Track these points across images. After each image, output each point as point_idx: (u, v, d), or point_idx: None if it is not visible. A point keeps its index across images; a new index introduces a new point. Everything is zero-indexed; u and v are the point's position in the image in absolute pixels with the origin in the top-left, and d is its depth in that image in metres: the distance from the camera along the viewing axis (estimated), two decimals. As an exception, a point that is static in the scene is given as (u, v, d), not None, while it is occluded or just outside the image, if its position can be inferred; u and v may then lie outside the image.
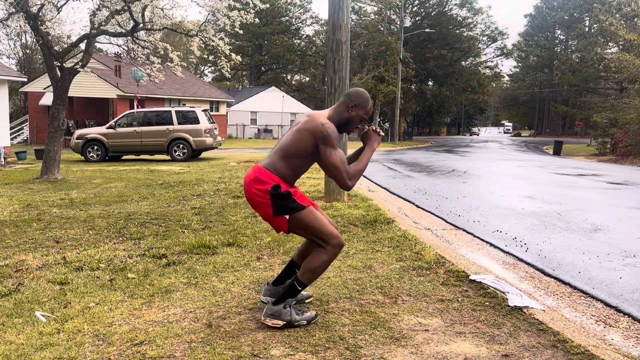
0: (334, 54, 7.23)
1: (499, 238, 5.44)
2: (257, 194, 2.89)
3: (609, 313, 3.37)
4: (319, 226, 2.91)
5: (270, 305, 2.92)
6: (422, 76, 47.45)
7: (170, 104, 29.20)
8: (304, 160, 2.95)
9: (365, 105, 3.01)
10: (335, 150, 2.87)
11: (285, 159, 2.92)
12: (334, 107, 3.06)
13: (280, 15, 56.46)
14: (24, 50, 42.90)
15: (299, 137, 2.89)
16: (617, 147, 23.65)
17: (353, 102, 2.99)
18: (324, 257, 2.91)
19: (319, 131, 2.85)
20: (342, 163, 2.88)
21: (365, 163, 3.01)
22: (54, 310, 3.19)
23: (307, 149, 2.89)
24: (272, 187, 2.86)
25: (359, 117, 3.02)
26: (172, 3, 32.01)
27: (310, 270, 2.92)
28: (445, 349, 2.66)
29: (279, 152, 2.95)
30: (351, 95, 3.02)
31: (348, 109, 3.00)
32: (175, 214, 6.43)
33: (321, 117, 2.92)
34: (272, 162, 2.94)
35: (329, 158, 2.85)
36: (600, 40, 47.42)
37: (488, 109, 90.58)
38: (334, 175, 2.90)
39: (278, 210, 2.88)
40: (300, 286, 2.94)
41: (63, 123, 11.14)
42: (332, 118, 2.98)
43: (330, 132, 2.85)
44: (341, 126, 3.00)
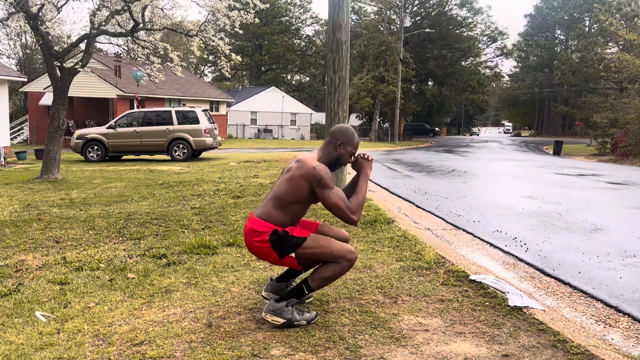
0: (334, 54, 7.23)
1: (499, 238, 5.44)
2: (258, 246, 2.94)
3: (609, 313, 3.37)
4: (327, 251, 2.93)
5: (272, 301, 2.94)
6: (422, 76, 47.43)
7: (170, 104, 29.20)
8: (302, 205, 2.99)
9: (351, 141, 3.06)
10: (332, 190, 2.90)
11: (282, 207, 2.94)
12: (321, 148, 3.09)
13: (280, 15, 56.45)
14: (24, 50, 42.90)
15: (293, 185, 2.91)
16: (617, 147, 23.65)
17: (340, 141, 3.03)
18: (338, 269, 2.95)
19: (312, 175, 2.87)
20: (342, 201, 2.91)
21: (364, 193, 3.03)
22: (54, 310, 3.19)
23: (303, 195, 2.92)
24: (270, 234, 2.89)
25: (348, 154, 3.07)
26: (172, 3, 32.04)
27: (322, 278, 2.95)
28: (445, 349, 2.66)
29: (273, 201, 2.97)
30: (336, 134, 3.06)
31: (336, 148, 3.04)
32: (175, 214, 6.43)
33: (312, 161, 2.94)
34: (267, 212, 2.96)
35: (328, 199, 2.88)
36: (600, 40, 47.42)
37: (488, 109, 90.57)
38: (337, 214, 2.93)
39: (282, 252, 2.91)
40: (308, 290, 2.97)
41: (63, 123, 11.14)
42: (322, 159, 3.02)
43: (323, 174, 2.87)
44: (332, 165, 3.04)
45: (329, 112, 7.34)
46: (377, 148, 30.08)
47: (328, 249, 2.93)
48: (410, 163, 17.13)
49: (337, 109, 7.27)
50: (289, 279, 3.27)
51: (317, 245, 2.93)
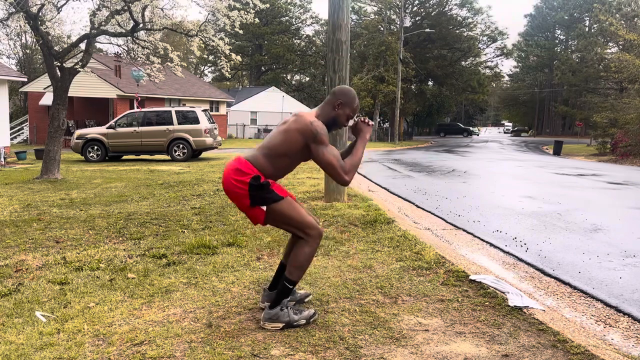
0: (334, 54, 7.23)
1: (499, 238, 5.44)
2: (236, 185, 2.85)
3: (609, 313, 3.37)
4: (297, 217, 2.89)
5: (267, 309, 2.91)
6: (422, 76, 47.42)
7: (170, 104, 29.20)
8: (291, 159, 2.93)
9: (351, 103, 2.99)
10: (327, 147, 2.85)
11: (271, 157, 2.89)
12: (320, 107, 3.03)
13: (280, 15, 56.45)
14: (24, 50, 42.89)
15: (288, 137, 2.86)
16: (617, 147, 23.64)
17: (339, 101, 2.97)
18: (307, 250, 2.90)
19: (308, 130, 2.82)
20: (337, 159, 2.85)
21: (360, 155, 2.98)
22: (54, 310, 3.19)
23: (296, 149, 2.87)
24: (252, 178, 2.82)
25: (345, 116, 3.00)
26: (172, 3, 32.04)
27: (296, 267, 2.90)
28: (445, 349, 2.66)
29: (264, 149, 2.91)
30: (337, 93, 2.99)
31: (334, 108, 2.98)
32: (175, 214, 6.43)
33: (309, 116, 2.89)
34: (256, 157, 2.90)
35: (322, 156, 2.83)
36: (600, 40, 47.40)
37: (488, 109, 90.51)
38: (329, 173, 2.88)
39: (255, 201, 2.84)
40: (291, 284, 2.92)
41: (63, 123, 11.14)
42: (320, 117, 2.96)
43: (320, 130, 2.82)
44: (329, 125, 2.97)
45: (329, 112, 7.32)
46: (377, 148, 30.08)
47: (299, 216, 2.88)
48: (410, 163, 17.13)
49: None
50: (278, 285, 3.24)
51: (291, 208, 2.88)
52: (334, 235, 5.12)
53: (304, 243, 2.91)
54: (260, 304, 3.23)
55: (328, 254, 4.45)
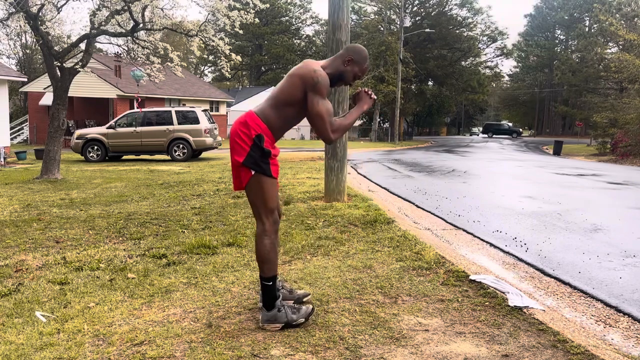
0: (333, 54, 7.22)
1: (499, 238, 5.43)
2: (240, 136, 2.84)
3: (609, 313, 3.37)
4: (268, 198, 2.87)
5: (264, 311, 2.90)
6: (422, 76, 47.44)
7: (170, 104, 29.20)
8: (295, 109, 2.87)
9: (361, 62, 2.94)
10: (324, 100, 2.80)
11: (277, 107, 2.86)
12: (330, 59, 2.99)
13: (280, 15, 56.46)
14: (24, 50, 42.89)
15: (290, 83, 2.83)
16: (617, 147, 23.64)
17: (350, 57, 2.93)
18: (265, 241, 2.88)
19: (309, 77, 2.78)
20: (328, 114, 2.81)
21: (352, 120, 2.94)
22: (54, 310, 3.19)
23: (297, 95, 2.82)
24: (256, 136, 2.80)
25: (353, 73, 2.96)
26: (172, 3, 32.02)
27: (262, 261, 2.89)
28: (445, 349, 2.66)
29: (270, 100, 2.89)
30: (349, 49, 2.96)
31: (344, 63, 2.93)
32: (175, 214, 6.43)
33: (315, 64, 2.85)
34: (263, 109, 2.88)
35: (315, 106, 2.78)
36: (600, 40, 47.40)
37: (488, 109, 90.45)
38: (317, 126, 2.82)
39: (249, 161, 2.82)
40: (268, 281, 2.89)
41: (63, 123, 11.14)
42: (327, 69, 2.90)
43: (321, 80, 2.78)
44: (334, 79, 2.93)
45: (329, 112, 7.33)
46: (377, 148, 30.08)
47: (269, 199, 2.87)
48: (410, 163, 17.13)
49: (337, 109, 7.27)
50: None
51: (271, 190, 2.87)
52: (334, 235, 5.12)
53: (262, 235, 2.89)
54: (259, 304, 3.23)
55: (328, 254, 4.45)
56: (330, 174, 7.32)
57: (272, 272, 2.90)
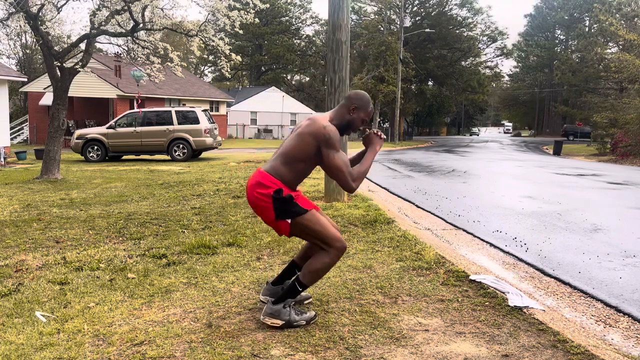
0: (334, 54, 7.23)
1: (499, 238, 5.43)
2: (260, 199, 2.90)
3: (609, 313, 3.37)
4: (321, 230, 2.92)
5: (270, 304, 2.92)
6: (422, 76, 47.44)
7: (170, 104, 29.20)
8: (307, 164, 2.96)
9: (366, 107, 3.03)
10: (338, 152, 2.88)
11: (288, 163, 2.93)
12: (335, 110, 3.07)
13: (280, 15, 56.46)
14: (24, 50, 42.89)
15: (301, 141, 2.90)
16: (617, 147, 23.64)
17: (354, 105, 3.01)
18: (327, 260, 2.93)
19: (321, 134, 2.85)
20: (345, 165, 2.89)
21: (369, 165, 3.02)
22: (54, 310, 3.19)
23: (310, 152, 2.90)
24: (274, 192, 2.86)
25: (360, 119, 3.04)
26: (172, 3, 32.03)
27: (312, 272, 2.93)
28: (445, 349, 2.66)
29: (282, 156, 2.96)
30: (352, 97, 3.04)
31: (349, 112, 3.02)
32: (175, 214, 6.43)
33: (323, 120, 2.93)
34: (274, 167, 2.95)
35: (332, 161, 2.86)
36: (600, 40, 47.38)
37: (488, 109, 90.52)
38: (337, 178, 2.90)
39: (280, 214, 2.89)
40: (301, 287, 2.95)
41: (63, 123, 11.14)
42: (334, 121, 2.99)
43: (332, 135, 2.85)
44: (343, 128, 3.01)
45: (329, 112, 7.33)
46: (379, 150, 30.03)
47: (324, 229, 2.91)
48: (410, 163, 17.13)
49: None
50: (284, 281, 3.25)
51: (315, 221, 2.91)
52: (334, 235, 5.11)
53: (326, 254, 2.93)
54: (260, 296, 3.25)
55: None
56: (330, 174, 7.30)
57: (311, 284, 3.00)
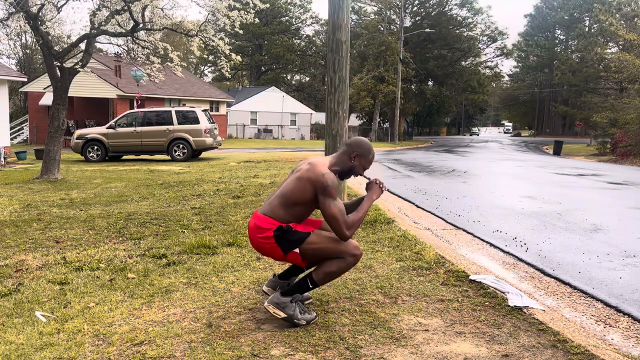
0: (334, 54, 7.23)
1: (499, 238, 5.43)
2: (263, 242, 2.95)
3: (609, 313, 3.37)
4: (333, 246, 2.93)
5: (278, 294, 2.94)
6: (422, 76, 47.43)
7: (170, 104, 29.20)
8: (305, 207, 2.99)
9: (367, 154, 3.09)
10: (335, 201, 2.89)
11: (287, 206, 2.96)
12: (336, 155, 3.11)
13: (280, 15, 56.46)
14: (24, 50, 42.90)
15: (299, 186, 2.93)
16: (617, 147, 23.64)
17: (355, 153, 3.06)
18: (342, 265, 2.95)
19: (319, 182, 2.88)
20: (341, 214, 2.89)
21: (364, 213, 3.02)
22: (54, 310, 3.19)
23: (307, 197, 2.93)
24: (275, 230, 2.91)
25: (361, 167, 3.10)
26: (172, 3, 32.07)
27: (326, 273, 2.95)
28: (445, 349, 2.66)
29: (280, 198, 2.99)
30: (352, 145, 3.08)
31: (351, 159, 3.06)
32: (175, 214, 6.43)
33: (322, 167, 2.95)
34: (272, 209, 2.98)
35: (327, 209, 2.88)
36: (600, 40, 47.41)
37: (488, 109, 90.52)
38: (332, 225, 2.92)
39: (286, 248, 2.92)
40: (312, 285, 2.97)
41: (63, 123, 11.14)
42: (334, 167, 3.03)
43: (330, 183, 2.87)
44: (343, 174, 3.07)
45: (329, 112, 7.34)
46: (377, 148, 30.06)
47: (333, 245, 2.93)
48: (410, 163, 17.13)
49: (337, 109, 7.27)
50: (291, 276, 3.27)
51: (321, 240, 2.93)
52: (334, 235, 5.11)
53: (342, 261, 2.95)
54: (264, 287, 3.29)
55: (328, 254, 4.45)
56: (330, 174, 7.30)
57: (322, 284, 3.02)
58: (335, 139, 7.28)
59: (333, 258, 2.95)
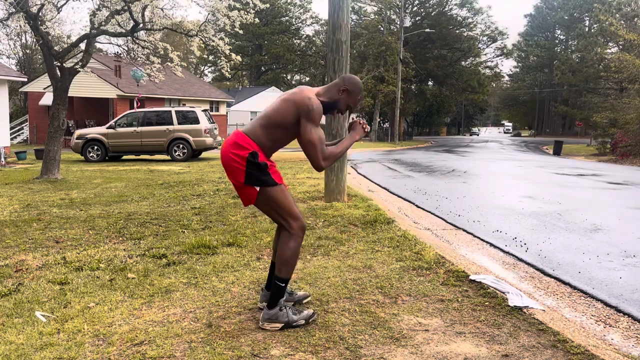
0: (334, 54, 7.23)
1: (499, 238, 5.43)
2: (234, 159, 2.85)
3: (609, 313, 3.37)
4: (286, 206, 2.89)
5: (265, 310, 2.90)
6: (422, 76, 47.45)
7: (170, 104, 29.19)
8: (285, 132, 2.90)
9: (356, 93, 3.00)
10: (316, 127, 2.83)
11: (267, 127, 2.88)
12: (325, 87, 3.04)
13: (280, 15, 56.47)
14: (24, 50, 42.90)
15: (284, 107, 2.86)
16: (617, 147, 23.64)
17: (345, 87, 2.98)
18: (291, 244, 2.90)
19: (304, 104, 2.81)
20: (320, 142, 2.84)
21: (343, 149, 2.96)
22: (54, 310, 3.19)
23: (290, 120, 2.85)
24: (250, 154, 2.82)
25: (346, 104, 3.01)
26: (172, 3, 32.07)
27: (283, 263, 2.90)
28: (445, 349, 2.66)
29: (262, 119, 2.92)
30: (345, 79, 3.01)
31: (339, 92, 2.99)
32: (175, 214, 6.43)
33: (309, 92, 2.89)
34: (253, 129, 2.90)
35: (308, 134, 2.81)
36: (600, 40, 47.41)
37: (488, 109, 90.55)
38: (308, 152, 2.85)
39: (250, 179, 2.84)
40: (282, 282, 2.91)
41: (63, 123, 11.14)
42: (321, 97, 2.96)
43: (315, 107, 2.81)
44: (328, 107, 2.98)
45: (329, 112, 7.34)
46: (377, 148, 30.08)
47: (287, 206, 2.89)
48: (410, 163, 17.13)
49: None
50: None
51: (282, 196, 2.89)
52: (334, 235, 5.12)
53: (288, 238, 2.90)
54: (259, 304, 3.23)
55: (328, 254, 4.45)
56: (330, 173, 7.32)
57: (288, 276, 2.94)
58: (335, 138, 7.28)
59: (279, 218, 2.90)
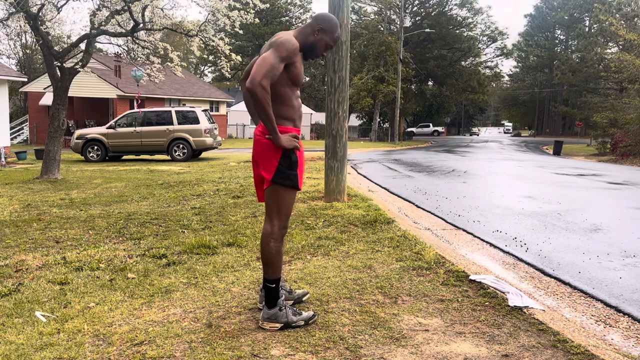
0: (333, 54, 7.23)
1: (499, 238, 5.43)
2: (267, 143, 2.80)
3: (609, 313, 3.37)
4: (287, 207, 2.91)
5: (265, 309, 2.90)
6: (422, 76, 47.43)
7: (170, 104, 29.21)
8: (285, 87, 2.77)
9: (332, 31, 2.84)
10: (277, 56, 2.63)
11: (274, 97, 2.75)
12: (299, 28, 2.91)
13: (280, 15, 56.48)
14: (24, 50, 42.92)
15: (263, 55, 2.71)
16: (617, 147, 23.65)
17: (319, 26, 2.82)
18: (272, 245, 2.89)
19: (275, 39, 2.72)
20: (272, 67, 2.61)
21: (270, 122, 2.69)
22: (54, 310, 3.19)
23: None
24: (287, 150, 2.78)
25: (323, 43, 2.86)
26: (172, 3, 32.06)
27: (267, 264, 2.90)
28: (445, 349, 2.66)
29: None
30: (318, 18, 2.87)
31: (314, 33, 2.83)
32: (175, 214, 6.43)
33: (285, 33, 2.79)
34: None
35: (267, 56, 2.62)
36: (600, 40, 47.39)
37: (488, 109, 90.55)
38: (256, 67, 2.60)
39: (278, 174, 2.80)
40: (271, 283, 2.90)
41: (63, 123, 11.14)
42: (297, 37, 2.82)
43: (285, 42, 2.66)
44: (307, 50, 2.86)
45: (329, 112, 7.35)
46: (377, 148, 30.09)
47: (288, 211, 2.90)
48: (410, 163, 17.12)
49: (337, 109, 7.27)
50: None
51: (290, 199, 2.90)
52: (334, 235, 5.11)
53: (269, 237, 2.89)
54: (259, 304, 3.23)
55: (328, 254, 4.45)
56: (330, 174, 7.32)
57: (276, 275, 2.91)
58: (335, 139, 7.29)
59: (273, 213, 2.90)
